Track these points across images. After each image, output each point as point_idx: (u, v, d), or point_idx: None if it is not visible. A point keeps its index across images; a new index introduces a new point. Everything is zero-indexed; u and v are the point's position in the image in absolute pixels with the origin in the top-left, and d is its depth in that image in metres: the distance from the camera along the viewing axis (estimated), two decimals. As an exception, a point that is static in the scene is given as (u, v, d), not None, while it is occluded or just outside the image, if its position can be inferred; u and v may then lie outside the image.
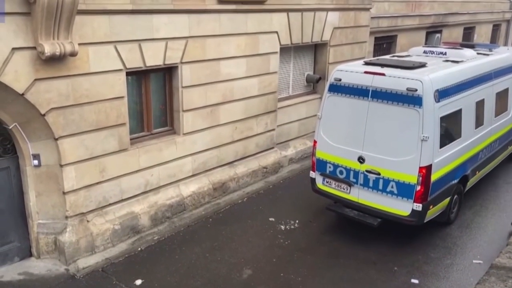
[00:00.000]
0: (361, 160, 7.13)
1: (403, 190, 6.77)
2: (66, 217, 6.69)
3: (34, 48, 5.74)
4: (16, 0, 5.48)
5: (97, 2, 6.29)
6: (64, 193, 6.57)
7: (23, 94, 5.81)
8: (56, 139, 6.32)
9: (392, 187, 6.87)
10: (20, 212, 6.66)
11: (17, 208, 6.62)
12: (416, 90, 6.56)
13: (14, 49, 5.59)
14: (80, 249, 6.75)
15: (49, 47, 5.68)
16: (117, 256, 6.94)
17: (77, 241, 6.70)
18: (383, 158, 6.92)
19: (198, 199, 8.44)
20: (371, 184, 7.08)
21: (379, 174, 6.97)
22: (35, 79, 5.87)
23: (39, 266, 6.65)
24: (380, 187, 7.00)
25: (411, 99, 6.62)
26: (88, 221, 6.91)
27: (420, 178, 6.63)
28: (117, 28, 6.63)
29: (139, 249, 7.16)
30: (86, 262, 6.75)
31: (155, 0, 6.98)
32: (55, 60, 5.93)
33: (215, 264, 6.81)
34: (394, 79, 6.83)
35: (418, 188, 6.66)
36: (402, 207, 6.82)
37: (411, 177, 6.67)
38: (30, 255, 6.84)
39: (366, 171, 7.09)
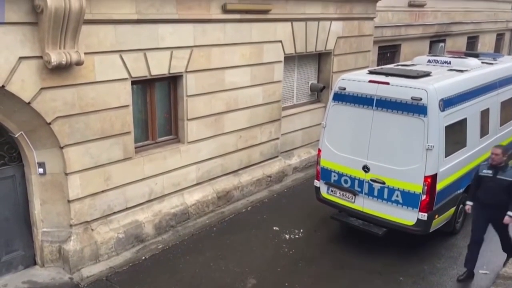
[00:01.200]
0: (365, 169, 7.11)
1: (408, 199, 6.74)
2: (71, 226, 6.69)
3: (41, 57, 5.79)
4: (23, 10, 5.54)
5: (103, 12, 6.35)
6: (69, 201, 6.58)
7: (29, 103, 5.85)
8: (62, 148, 6.34)
9: (397, 196, 6.84)
10: (25, 220, 6.67)
11: (22, 216, 6.63)
12: (421, 99, 6.55)
13: (21, 58, 5.63)
14: (84, 258, 6.74)
15: (55, 56, 5.73)
16: (121, 265, 6.93)
17: (82, 249, 6.69)
18: (388, 167, 6.90)
19: (202, 208, 8.43)
20: (376, 193, 7.06)
21: (384, 183, 6.94)
22: (41, 88, 5.91)
23: (43, 275, 6.64)
24: (385, 196, 6.97)
25: (416, 108, 6.61)
26: (92, 229, 6.91)
27: (425, 187, 6.60)
28: (123, 38, 6.67)
29: (143, 257, 7.15)
30: (90, 270, 6.73)
31: (160, 9, 7.04)
32: (61, 69, 5.97)
33: (219, 273, 6.78)
34: (399, 88, 6.84)
35: (423, 197, 6.63)
36: (407, 217, 6.79)
37: (416, 186, 6.64)
38: (34, 263, 6.84)
39: (371, 180, 7.07)
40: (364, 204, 7.21)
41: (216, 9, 7.90)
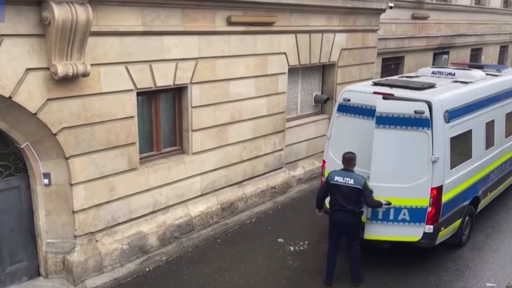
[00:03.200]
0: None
1: (415, 215, 6.62)
2: (75, 237, 6.68)
3: (48, 68, 5.83)
4: (30, 22, 5.60)
5: (110, 24, 6.41)
6: (73, 212, 6.57)
7: (35, 113, 5.88)
8: (67, 158, 6.36)
9: (403, 214, 6.71)
10: (30, 231, 6.66)
11: (26, 227, 6.62)
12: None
13: (28, 69, 5.68)
14: (88, 269, 6.72)
15: (62, 68, 5.77)
16: (125, 276, 6.90)
17: (86, 260, 6.67)
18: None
19: (206, 219, 8.40)
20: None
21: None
22: (48, 99, 5.95)
23: (47, 286, 6.61)
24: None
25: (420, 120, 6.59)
26: (96, 240, 6.90)
27: (431, 199, 6.55)
28: (129, 49, 6.73)
29: (147, 269, 7.12)
30: (94, 282, 6.70)
31: (166, 22, 7.10)
32: (68, 80, 6.01)
33: (224, 285, 6.73)
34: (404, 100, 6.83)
35: (429, 209, 6.58)
36: (414, 233, 6.68)
37: (424, 201, 6.56)
38: (38, 274, 6.81)
39: None
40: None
41: (221, 21, 7.97)
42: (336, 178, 6.43)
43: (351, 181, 6.35)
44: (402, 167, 6.66)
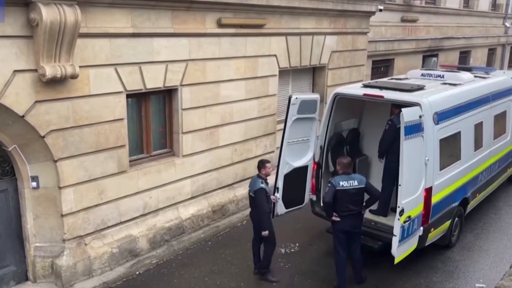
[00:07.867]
0: None
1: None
2: (64, 240, 6.61)
3: (35, 70, 5.77)
4: (18, 23, 5.54)
5: (99, 26, 6.37)
6: (62, 215, 6.50)
7: (23, 116, 5.82)
8: (55, 161, 6.29)
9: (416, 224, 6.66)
10: (17, 235, 6.57)
11: (14, 231, 6.54)
12: (415, 112, 6.56)
13: (15, 71, 5.62)
14: (77, 273, 6.65)
15: (50, 70, 5.72)
16: (114, 280, 6.83)
17: (74, 264, 6.60)
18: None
19: (197, 222, 8.36)
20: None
21: None
22: (36, 101, 5.89)
23: (35, 291, 6.54)
24: None
25: (410, 121, 6.61)
26: (86, 244, 6.83)
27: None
28: (118, 51, 6.69)
29: (137, 273, 7.06)
30: (83, 286, 6.63)
31: (156, 23, 7.07)
32: (56, 82, 5.95)
33: (214, 288, 6.71)
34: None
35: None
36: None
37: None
38: (26, 279, 6.72)
39: None
40: None
41: (211, 23, 7.95)
42: (341, 183, 6.32)
43: (355, 183, 6.34)
44: (417, 174, 6.37)
